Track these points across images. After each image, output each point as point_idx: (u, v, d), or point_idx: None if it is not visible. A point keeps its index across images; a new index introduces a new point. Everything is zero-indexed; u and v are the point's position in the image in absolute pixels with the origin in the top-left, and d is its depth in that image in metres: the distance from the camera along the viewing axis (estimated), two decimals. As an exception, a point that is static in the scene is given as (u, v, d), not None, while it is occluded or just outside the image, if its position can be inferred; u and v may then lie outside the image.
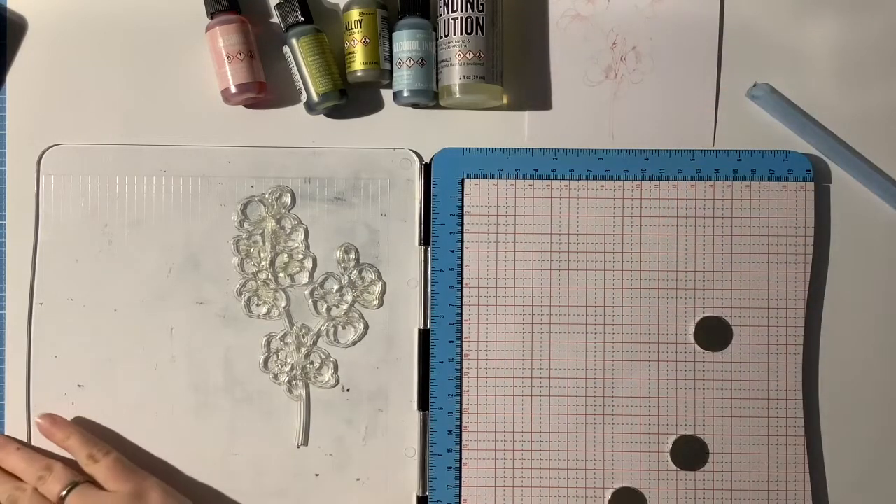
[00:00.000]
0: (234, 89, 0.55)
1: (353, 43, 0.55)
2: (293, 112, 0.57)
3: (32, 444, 0.55)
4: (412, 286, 0.56)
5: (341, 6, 0.56)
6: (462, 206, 0.56)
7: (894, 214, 0.56)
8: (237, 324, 0.56)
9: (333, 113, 0.57)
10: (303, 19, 0.55)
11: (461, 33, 0.54)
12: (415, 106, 0.57)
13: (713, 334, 0.55)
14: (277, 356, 0.56)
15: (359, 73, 0.55)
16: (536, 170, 0.56)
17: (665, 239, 0.55)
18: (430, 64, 0.55)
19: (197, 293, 0.56)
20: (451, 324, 0.55)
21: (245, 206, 0.56)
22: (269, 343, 0.56)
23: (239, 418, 0.56)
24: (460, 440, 0.55)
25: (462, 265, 0.56)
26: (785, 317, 0.55)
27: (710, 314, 0.55)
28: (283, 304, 0.56)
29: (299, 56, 0.54)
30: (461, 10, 0.54)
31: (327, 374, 0.56)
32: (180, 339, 0.56)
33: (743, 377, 0.55)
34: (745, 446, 0.55)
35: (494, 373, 0.55)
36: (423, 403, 0.56)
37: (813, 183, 0.56)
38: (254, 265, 0.56)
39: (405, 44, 0.54)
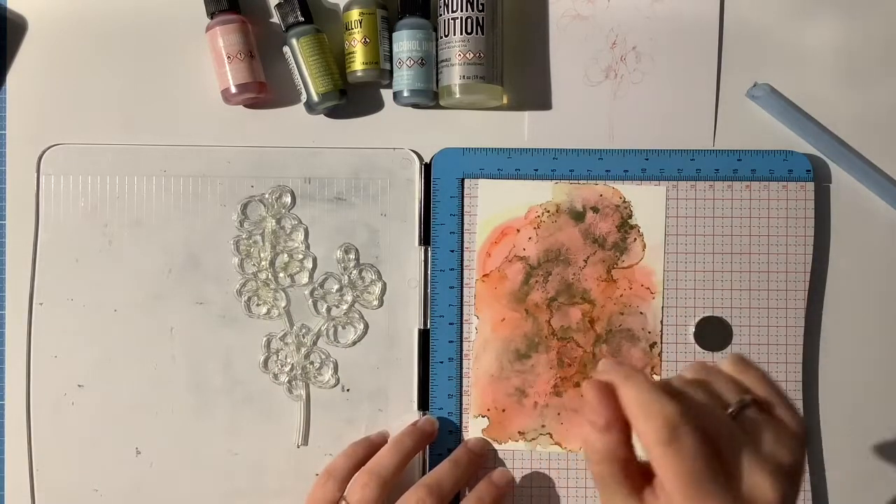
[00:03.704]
0: (234, 89, 0.55)
1: (353, 43, 0.55)
2: (293, 112, 0.57)
3: (32, 443, 0.55)
4: (412, 286, 0.56)
5: (341, 6, 0.56)
6: (462, 206, 0.56)
7: (894, 214, 0.56)
8: (237, 324, 0.56)
9: (333, 113, 0.57)
10: (303, 19, 0.55)
11: (461, 33, 0.54)
12: (415, 106, 0.57)
13: (713, 334, 0.55)
14: (277, 356, 0.56)
15: (359, 73, 0.55)
16: (536, 170, 0.56)
17: (665, 239, 0.55)
18: (430, 64, 0.55)
19: (197, 293, 0.56)
20: (451, 324, 0.56)
21: (245, 206, 0.56)
22: (269, 343, 0.56)
23: (239, 418, 0.56)
24: (460, 440, 0.55)
25: (462, 265, 0.56)
26: (785, 317, 0.55)
27: (710, 314, 0.55)
28: (283, 304, 0.56)
29: (299, 56, 0.54)
30: (461, 10, 0.54)
31: (327, 374, 0.56)
32: (180, 339, 0.56)
33: (743, 377, 0.55)
34: (745, 446, 0.55)
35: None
36: (423, 403, 0.56)
37: (813, 183, 0.56)
38: (254, 265, 0.56)
39: (405, 44, 0.54)
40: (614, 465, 0.37)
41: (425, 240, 0.56)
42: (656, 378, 0.55)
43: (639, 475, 0.37)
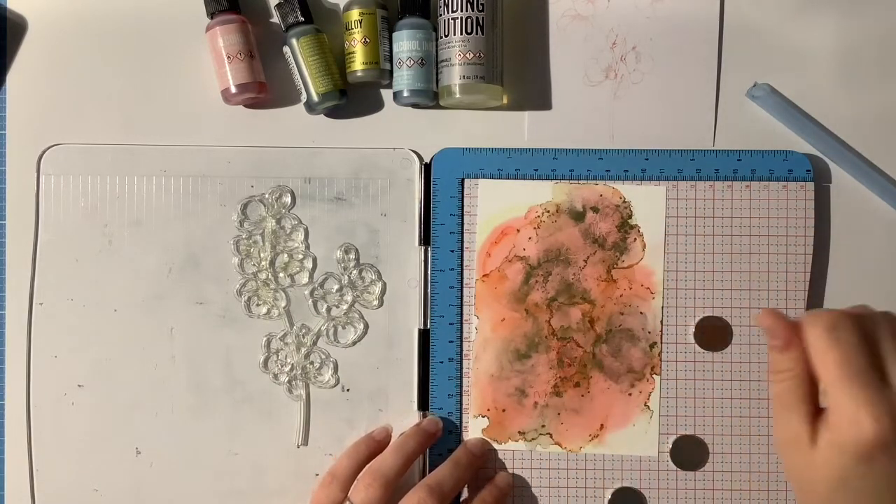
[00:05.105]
0: (234, 89, 0.55)
1: (353, 43, 0.55)
2: (293, 112, 0.57)
3: (32, 443, 0.55)
4: (412, 286, 0.56)
5: (341, 6, 0.56)
6: (462, 206, 0.56)
7: (894, 214, 0.56)
8: (237, 324, 0.56)
9: (333, 113, 0.57)
10: (303, 19, 0.55)
11: (461, 33, 0.54)
12: (415, 106, 0.57)
13: (713, 334, 0.55)
14: (277, 356, 0.56)
15: (359, 73, 0.55)
16: (536, 170, 0.56)
17: (665, 239, 0.55)
18: (430, 64, 0.55)
19: (197, 293, 0.56)
20: (451, 324, 0.56)
21: (245, 206, 0.56)
22: (269, 343, 0.56)
23: (239, 418, 0.56)
24: (460, 440, 0.55)
25: (462, 265, 0.56)
26: (785, 317, 0.55)
27: (710, 314, 0.55)
28: (283, 304, 0.56)
29: (299, 56, 0.54)
30: (461, 10, 0.54)
31: (327, 374, 0.56)
32: (180, 339, 0.56)
33: (743, 377, 0.55)
34: (745, 446, 0.55)
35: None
36: (423, 403, 0.56)
37: (813, 183, 0.56)
38: (254, 265, 0.56)
39: (405, 44, 0.54)
40: (795, 382, 0.40)
41: (425, 240, 0.56)
42: (656, 378, 0.55)
43: (815, 402, 0.40)
